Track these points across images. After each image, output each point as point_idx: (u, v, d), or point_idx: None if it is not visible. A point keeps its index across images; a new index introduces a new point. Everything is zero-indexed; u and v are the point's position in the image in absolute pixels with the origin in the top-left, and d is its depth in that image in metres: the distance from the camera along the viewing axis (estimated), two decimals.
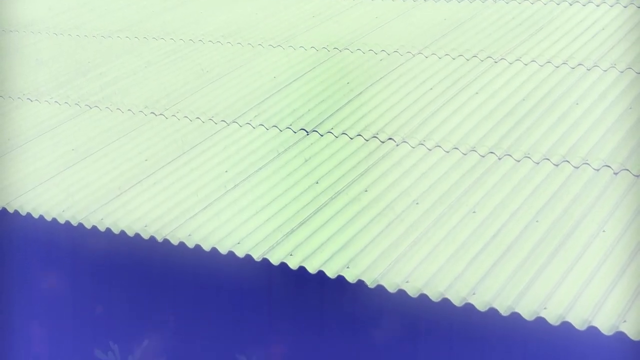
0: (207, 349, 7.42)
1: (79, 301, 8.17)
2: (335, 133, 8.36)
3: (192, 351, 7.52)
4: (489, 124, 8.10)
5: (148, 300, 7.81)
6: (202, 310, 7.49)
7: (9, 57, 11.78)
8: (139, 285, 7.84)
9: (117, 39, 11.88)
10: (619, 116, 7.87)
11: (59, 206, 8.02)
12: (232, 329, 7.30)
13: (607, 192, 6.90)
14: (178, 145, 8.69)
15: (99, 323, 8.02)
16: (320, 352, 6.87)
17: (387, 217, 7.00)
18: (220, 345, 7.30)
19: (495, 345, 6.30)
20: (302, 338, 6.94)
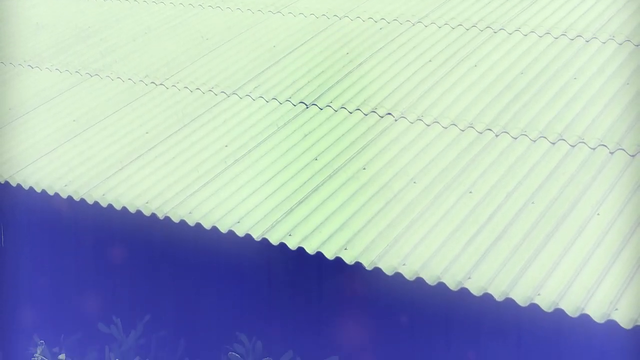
0: (208, 326, 7.56)
1: (81, 275, 8.30)
2: (334, 107, 8.41)
3: (192, 327, 7.66)
4: (487, 98, 8.15)
5: (150, 275, 7.94)
6: (204, 286, 7.61)
7: (9, 22, 11.79)
8: (141, 260, 7.96)
9: (117, 3, 11.87)
10: (616, 92, 7.92)
11: (61, 180, 8.10)
12: (233, 307, 7.43)
13: (602, 172, 6.98)
14: (178, 117, 8.75)
15: (102, 297, 8.15)
16: (319, 331, 7.01)
17: (385, 196, 7.09)
18: (221, 323, 7.44)
19: (490, 329, 6.43)
20: (301, 317, 7.07)
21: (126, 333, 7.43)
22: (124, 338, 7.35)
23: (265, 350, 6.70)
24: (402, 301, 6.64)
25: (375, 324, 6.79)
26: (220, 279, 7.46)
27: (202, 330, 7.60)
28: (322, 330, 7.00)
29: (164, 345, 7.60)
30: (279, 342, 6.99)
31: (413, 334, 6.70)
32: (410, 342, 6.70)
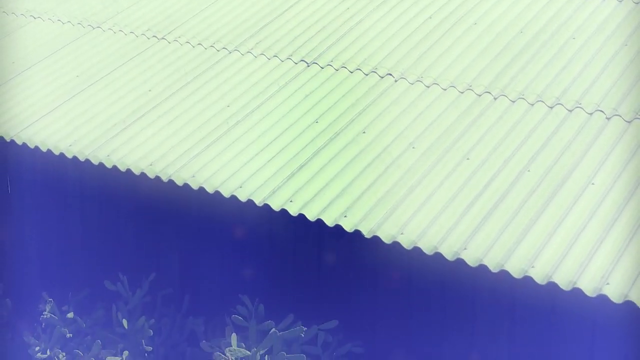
0: (211, 286, 7.76)
1: (87, 234, 8.48)
2: (335, 66, 8.50)
3: (196, 287, 7.86)
4: (486, 58, 8.23)
5: (155, 235, 8.11)
6: (207, 247, 7.79)
7: None
8: (146, 220, 8.13)
9: None
10: (615, 53, 8.01)
11: (66, 140, 8.23)
12: (235, 269, 7.62)
13: (598, 139, 7.10)
14: (181, 75, 8.84)
15: (108, 256, 8.34)
16: (319, 296, 7.21)
17: (384, 162, 7.23)
18: (224, 284, 7.64)
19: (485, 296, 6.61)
20: (302, 282, 7.26)
21: (132, 291, 7.63)
22: (130, 295, 7.55)
23: (266, 313, 6.90)
24: (400, 267, 6.81)
25: (374, 289, 6.98)
26: (224, 240, 7.63)
27: (206, 291, 7.80)
28: (323, 295, 7.19)
29: (169, 302, 7.81)
30: (280, 306, 7.19)
31: (410, 300, 6.89)
32: (407, 308, 6.89)
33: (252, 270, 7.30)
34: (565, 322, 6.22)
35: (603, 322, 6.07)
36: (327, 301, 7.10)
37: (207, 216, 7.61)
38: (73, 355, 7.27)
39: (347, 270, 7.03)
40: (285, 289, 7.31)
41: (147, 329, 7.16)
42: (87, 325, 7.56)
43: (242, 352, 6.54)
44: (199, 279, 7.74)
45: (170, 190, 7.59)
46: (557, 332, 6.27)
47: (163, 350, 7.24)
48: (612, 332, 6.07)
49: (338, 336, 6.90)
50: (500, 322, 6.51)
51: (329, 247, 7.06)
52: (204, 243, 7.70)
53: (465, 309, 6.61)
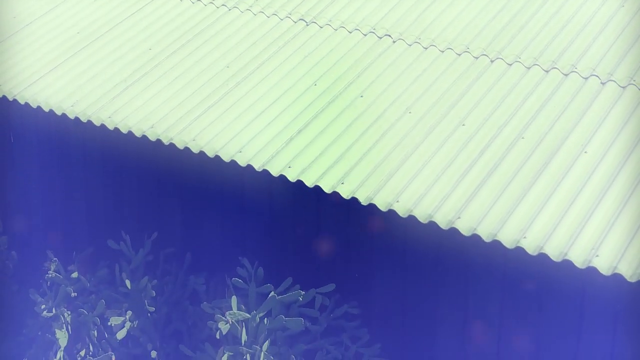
0: (212, 247, 7.94)
1: (90, 193, 8.64)
2: (334, 26, 8.56)
3: (197, 246, 8.05)
4: (485, 19, 8.30)
5: (156, 196, 8.27)
6: (208, 209, 7.95)
7: None
8: (147, 180, 8.27)
9: None
10: (611, 14, 8.07)
11: (68, 99, 8.34)
12: (236, 231, 7.79)
13: (592, 106, 7.21)
14: (180, 33, 8.91)
15: (110, 216, 8.52)
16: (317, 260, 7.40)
17: (381, 127, 7.35)
18: (224, 245, 7.83)
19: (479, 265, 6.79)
20: (300, 246, 7.44)
21: (135, 250, 7.81)
22: (133, 255, 7.73)
23: (265, 276, 7.09)
24: (396, 234, 6.97)
25: (370, 255, 7.15)
26: (224, 202, 7.79)
27: (207, 251, 7.99)
28: (320, 260, 7.37)
29: (171, 261, 8.01)
30: (278, 269, 7.38)
31: (406, 266, 7.07)
32: (403, 274, 7.08)
33: (252, 233, 7.46)
34: (556, 292, 6.40)
35: (593, 293, 6.24)
36: (325, 265, 7.27)
37: (208, 178, 7.75)
38: (78, 314, 7.48)
39: (345, 235, 7.19)
40: (284, 253, 7.48)
41: (149, 289, 7.36)
42: (91, 285, 7.76)
43: (242, 315, 6.74)
44: (200, 239, 7.91)
45: (172, 151, 7.72)
46: (549, 303, 6.45)
47: (166, 309, 7.45)
48: (601, 303, 6.24)
49: (335, 297, 7.09)
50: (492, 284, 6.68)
51: (326, 212, 7.21)
52: (205, 204, 7.86)
53: (459, 272, 6.78)
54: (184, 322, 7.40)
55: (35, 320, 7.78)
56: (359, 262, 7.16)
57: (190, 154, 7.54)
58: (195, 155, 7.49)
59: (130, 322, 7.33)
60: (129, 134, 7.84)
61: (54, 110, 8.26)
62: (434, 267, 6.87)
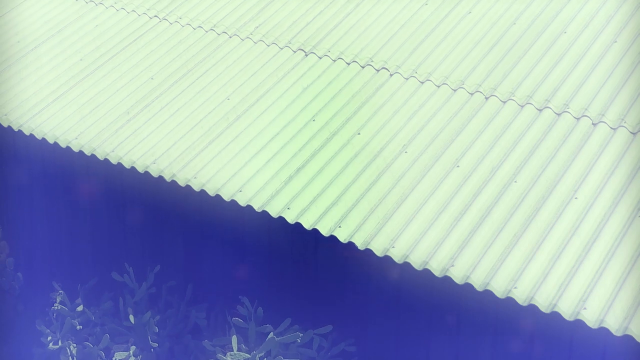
0: (214, 285, 8.17)
1: (94, 226, 8.85)
2: (332, 56, 8.73)
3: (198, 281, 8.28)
4: (480, 52, 8.46)
5: (159, 230, 8.48)
6: (208, 247, 8.17)
7: None
8: (150, 215, 8.48)
9: None
10: (604, 51, 8.22)
11: (72, 131, 8.53)
12: (237, 269, 8.01)
13: (583, 148, 7.39)
14: (183, 61, 9.08)
15: (114, 248, 8.73)
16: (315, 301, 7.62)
17: (378, 167, 7.54)
18: (225, 283, 8.05)
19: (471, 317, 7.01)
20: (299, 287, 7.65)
21: (139, 283, 8.04)
22: (136, 287, 7.96)
23: (265, 316, 7.32)
24: (392, 277, 7.18)
25: (367, 295, 7.37)
26: (224, 239, 7.99)
27: (208, 286, 8.21)
28: (319, 301, 7.59)
29: (173, 293, 8.23)
30: (277, 309, 7.60)
31: (400, 308, 7.29)
32: (399, 316, 7.30)
33: (252, 271, 7.68)
34: (545, 342, 6.61)
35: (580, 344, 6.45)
36: (322, 306, 7.49)
37: (210, 213, 7.94)
38: (84, 347, 7.72)
39: (343, 277, 7.40)
40: (283, 293, 7.70)
41: (152, 324, 7.59)
42: (96, 317, 7.99)
43: (243, 355, 6.98)
44: (201, 273, 8.13)
45: (174, 186, 7.91)
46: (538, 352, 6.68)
47: (168, 344, 7.69)
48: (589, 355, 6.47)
49: (332, 337, 7.32)
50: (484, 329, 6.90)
51: (324, 254, 7.41)
52: (206, 240, 8.06)
53: (451, 316, 6.99)
54: (187, 357, 7.64)
55: (43, 350, 8.03)
56: (356, 304, 7.37)
57: (192, 190, 7.73)
58: (197, 191, 7.69)
59: (134, 356, 7.57)
60: (132, 169, 8.03)
61: (59, 142, 8.44)
62: (428, 310, 7.08)
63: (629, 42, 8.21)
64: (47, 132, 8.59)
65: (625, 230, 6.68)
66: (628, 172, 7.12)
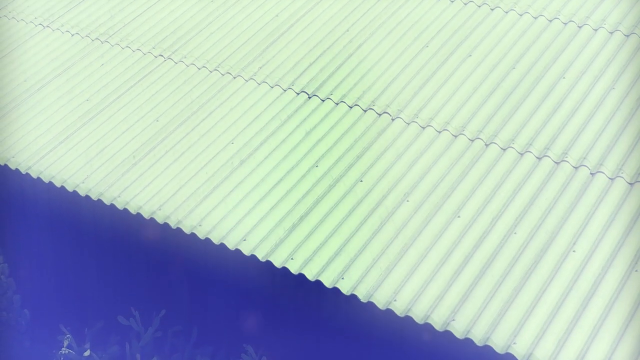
0: (218, 331, 8.30)
1: (101, 270, 8.99)
2: (335, 99, 8.86)
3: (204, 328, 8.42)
4: (480, 97, 8.58)
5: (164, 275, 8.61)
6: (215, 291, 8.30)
7: None
8: (156, 260, 8.61)
9: None
10: (602, 97, 8.35)
11: (79, 174, 8.66)
12: (242, 318, 8.15)
13: (581, 199, 7.52)
14: (187, 103, 9.21)
15: (121, 293, 8.87)
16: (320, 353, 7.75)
17: (380, 215, 7.67)
18: (229, 330, 8.19)
19: None
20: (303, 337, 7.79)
21: (145, 327, 8.17)
22: (142, 331, 8.09)
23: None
24: (394, 327, 7.32)
25: (370, 345, 7.50)
26: (230, 286, 8.12)
27: (212, 332, 8.34)
28: (322, 351, 7.73)
29: (178, 337, 8.37)
30: (281, 358, 7.75)
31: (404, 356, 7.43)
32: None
33: (258, 319, 7.82)
34: None
35: None
36: (327, 357, 7.62)
37: (215, 260, 8.06)
38: None
39: (346, 327, 7.53)
40: (288, 343, 7.83)
41: None
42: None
43: None
44: (206, 319, 8.26)
45: (180, 232, 8.04)
46: None
47: None
48: None
49: None
50: None
51: (329, 303, 7.54)
52: (212, 286, 8.19)
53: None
54: None
55: None
56: (358, 353, 7.50)
57: (197, 236, 7.86)
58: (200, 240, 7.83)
59: None
60: (138, 214, 8.16)
61: (66, 187, 8.57)
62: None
63: (627, 89, 8.33)
64: (54, 175, 8.71)
65: (622, 285, 6.82)
66: (625, 224, 7.25)
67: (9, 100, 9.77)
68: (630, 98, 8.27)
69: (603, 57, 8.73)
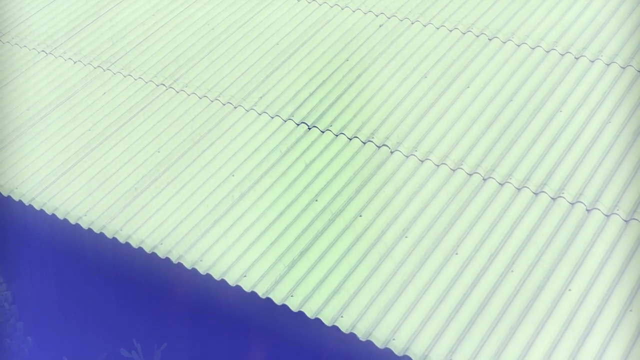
0: None
1: (104, 302, 9.11)
2: (334, 131, 8.96)
3: None
4: (478, 130, 8.68)
5: (166, 308, 8.73)
6: (215, 326, 8.42)
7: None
8: (158, 292, 8.73)
9: None
10: (598, 131, 8.44)
11: (82, 207, 8.78)
12: (242, 353, 8.27)
13: (578, 235, 7.62)
14: (188, 133, 9.31)
15: (123, 325, 8.99)
16: None
17: (379, 252, 7.78)
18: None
19: None
20: None
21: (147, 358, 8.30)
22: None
23: None
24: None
25: None
26: (230, 321, 8.23)
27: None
28: None
29: None
30: None
31: None
32: None
33: (258, 355, 7.93)
34: None
35: None
36: None
37: (216, 294, 8.17)
38: None
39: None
40: None
41: None
42: None
43: None
44: (207, 353, 8.38)
45: (181, 266, 8.15)
46: None
47: None
48: None
49: None
50: None
51: (328, 340, 7.66)
52: (213, 320, 8.30)
53: None
54: None
55: None
56: None
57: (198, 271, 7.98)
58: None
59: None
60: (139, 249, 8.27)
61: (69, 219, 8.68)
62: None
63: (623, 123, 8.42)
64: (57, 206, 8.82)
65: (617, 325, 6.92)
66: (620, 262, 7.35)
67: (12, 129, 9.87)
68: (626, 132, 8.36)
69: (599, 90, 8.82)
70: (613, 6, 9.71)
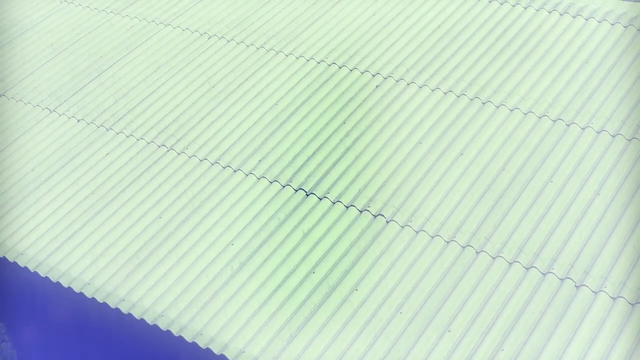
0: None
1: None
2: (331, 198, 9.19)
3: None
4: (471, 200, 8.90)
5: None
6: None
7: (26, 44, 12.31)
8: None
9: (128, 21, 12.31)
10: (587, 204, 8.66)
11: (86, 273, 9.02)
12: None
13: (567, 312, 7.85)
14: (189, 199, 9.54)
15: None
16: None
17: (374, 328, 8.02)
18: None
19: None
20: None
21: None
22: None
23: None
24: None
25: None
26: None
27: None
28: None
29: None
30: None
31: None
32: None
33: None
34: None
35: None
36: None
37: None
38: None
39: None
40: None
41: None
42: None
43: None
44: None
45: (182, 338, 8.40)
46: None
47: None
48: None
49: None
50: None
51: None
52: None
53: None
54: None
55: None
56: None
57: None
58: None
59: None
60: (141, 320, 8.52)
61: (73, 287, 8.93)
62: None
63: (612, 195, 8.64)
64: (63, 271, 9.06)
65: None
66: (608, 340, 7.58)
67: (17, 190, 10.10)
68: (614, 205, 8.57)
69: (589, 159, 9.03)
70: (603, 73, 9.92)
